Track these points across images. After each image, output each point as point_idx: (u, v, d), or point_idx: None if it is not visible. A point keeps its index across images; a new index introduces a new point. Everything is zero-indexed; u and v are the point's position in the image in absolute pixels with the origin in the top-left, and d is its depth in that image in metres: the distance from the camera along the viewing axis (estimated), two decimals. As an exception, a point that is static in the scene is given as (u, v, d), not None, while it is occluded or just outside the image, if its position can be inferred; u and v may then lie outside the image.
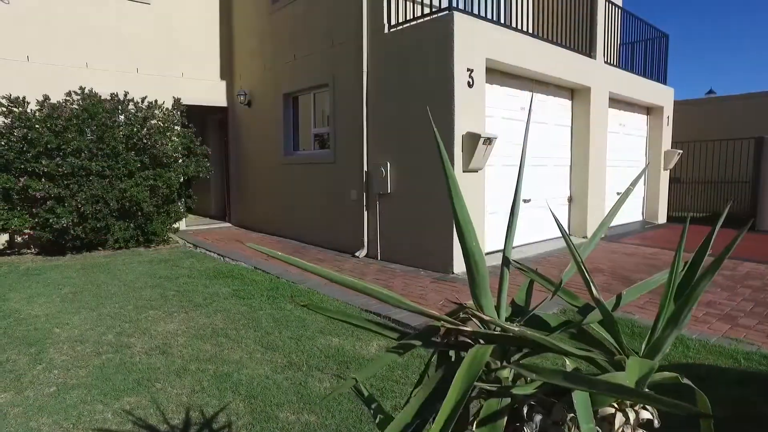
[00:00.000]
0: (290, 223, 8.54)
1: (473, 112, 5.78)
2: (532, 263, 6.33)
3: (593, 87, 7.83)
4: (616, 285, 5.21)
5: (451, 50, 5.50)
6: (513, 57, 6.33)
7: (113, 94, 7.77)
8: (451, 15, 5.49)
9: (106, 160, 7.21)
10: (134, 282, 5.48)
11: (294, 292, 4.95)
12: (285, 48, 8.38)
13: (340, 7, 7.05)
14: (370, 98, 6.64)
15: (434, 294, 4.99)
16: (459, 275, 5.72)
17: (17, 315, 4.28)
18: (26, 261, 6.95)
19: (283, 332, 3.84)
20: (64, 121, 7.01)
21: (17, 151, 6.85)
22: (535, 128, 7.39)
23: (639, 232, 9.02)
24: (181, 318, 4.16)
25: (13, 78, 7.79)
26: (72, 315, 4.27)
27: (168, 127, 8.01)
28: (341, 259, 6.79)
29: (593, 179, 8.05)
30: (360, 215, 6.87)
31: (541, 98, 7.48)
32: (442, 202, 5.77)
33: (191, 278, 5.63)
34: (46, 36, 8.12)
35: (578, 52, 7.61)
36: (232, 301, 4.69)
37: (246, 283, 5.39)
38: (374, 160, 6.63)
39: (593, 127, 7.94)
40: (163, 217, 7.98)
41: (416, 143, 6.05)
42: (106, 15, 8.65)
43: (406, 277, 5.74)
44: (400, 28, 6.21)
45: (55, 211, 6.81)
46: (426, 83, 5.86)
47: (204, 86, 9.85)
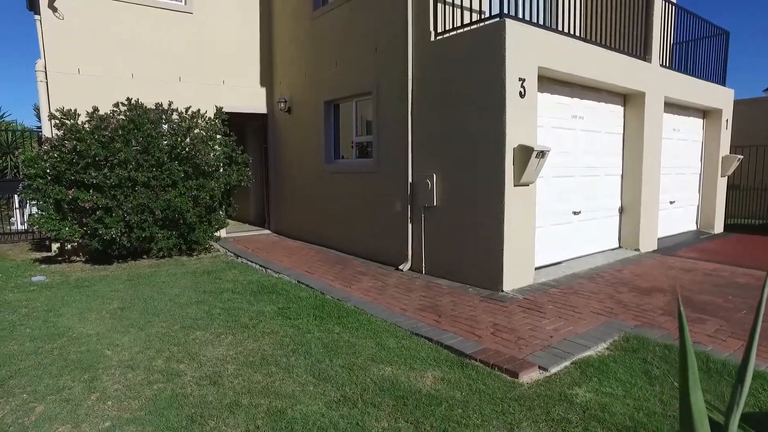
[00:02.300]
0: (331, 232, 8.45)
1: (525, 123, 5.53)
2: (585, 280, 6.04)
3: (648, 92, 7.43)
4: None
5: (503, 59, 5.26)
6: (565, 64, 6.04)
7: (158, 104, 7.85)
8: (502, 22, 5.25)
9: (152, 170, 7.28)
10: (179, 297, 5.47)
11: (341, 313, 4.82)
12: (326, 55, 8.29)
13: (384, 13, 6.88)
14: (415, 107, 6.46)
15: (486, 315, 4.77)
16: (508, 293, 5.49)
17: (70, 333, 4.30)
18: (76, 270, 7.07)
19: (334, 360, 3.71)
20: (111, 132, 7.11)
21: (68, 162, 6.98)
22: (586, 137, 7.06)
23: (694, 243, 8.54)
24: (229, 341, 4.09)
25: (66, 90, 8.00)
26: (121, 335, 4.26)
27: (210, 137, 8.04)
28: (384, 272, 6.64)
29: (646, 188, 7.65)
30: (404, 227, 6.71)
31: (592, 105, 7.14)
32: (491, 216, 5.55)
33: (235, 293, 5.58)
34: (94, 48, 8.27)
35: (632, 56, 7.23)
36: (278, 321, 4.60)
37: (291, 300, 5.30)
38: (419, 171, 6.45)
39: (647, 133, 7.54)
40: (205, 226, 8.02)
41: (464, 155, 5.84)
42: (149, 26, 8.75)
43: (453, 294, 5.54)
44: (447, 35, 6.00)
45: (104, 222, 6.91)
46: (475, 93, 5.64)
47: (244, 93, 9.87)
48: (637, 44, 7.43)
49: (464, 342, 4.11)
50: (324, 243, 8.63)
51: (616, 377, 3.41)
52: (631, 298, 5.27)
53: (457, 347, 4.00)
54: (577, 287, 5.72)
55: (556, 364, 3.67)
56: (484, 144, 5.58)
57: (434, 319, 4.71)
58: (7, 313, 4.95)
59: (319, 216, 8.81)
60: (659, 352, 3.75)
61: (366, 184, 7.51)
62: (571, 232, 7.02)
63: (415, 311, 4.95)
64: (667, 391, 3.18)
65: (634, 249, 7.70)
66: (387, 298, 5.41)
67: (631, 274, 6.30)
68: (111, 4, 8.39)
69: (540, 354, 3.84)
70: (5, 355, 3.83)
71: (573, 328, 4.39)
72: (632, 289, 5.59)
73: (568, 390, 3.26)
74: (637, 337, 4.07)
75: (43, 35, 7.89)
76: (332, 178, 8.42)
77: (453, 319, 4.70)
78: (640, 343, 3.96)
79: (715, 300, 5.16)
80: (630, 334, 4.18)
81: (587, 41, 6.53)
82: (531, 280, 5.89)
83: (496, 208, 5.50)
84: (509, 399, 3.16)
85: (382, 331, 4.37)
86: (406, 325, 4.55)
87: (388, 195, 7.02)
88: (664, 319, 4.56)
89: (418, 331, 4.38)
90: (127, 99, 7.61)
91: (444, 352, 3.97)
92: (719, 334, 4.17)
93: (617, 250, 7.73)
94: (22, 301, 5.37)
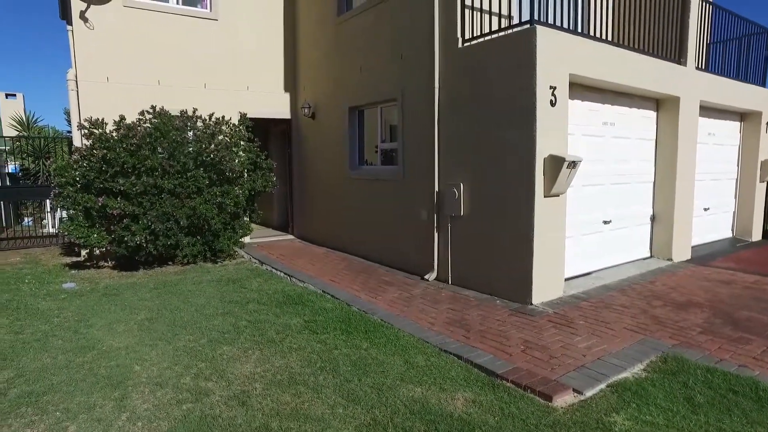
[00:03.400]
0: (355, 239, 8.40)
1: (555, 132, 5.38)
2: (617, 292, 5.86)
3: (683, 97, 7.18)
4: (721, 326, 4.67)
5: (533, 67, 5.12)
6: (598, 71, 5.87)
7: (183, 111, 7.91)
8: (533, 29, 5.11)
9: (177, 177, 7.33)
10: (205, 307, 5.48)
11: (368, 326, 4.76)
12: (351, 60, 8.24)
13: (410, 19, 6.79)
14: (441, 115, 6.36)
15: (515, 331, 4.65)
16: (538, 307, 5.36)
17: (100, 346, 4.34)
18: (104, 276, 7.18)
19: (362, 379, 3.65)
20: (138, 140, 7.19)
21: (97, 170, 7.09)
22: (617, 143, 6.86)
23: (730, 252, 8.24)
24: (257, 357, 4.06)
25: (95, 98, 8.14)
26: (149, 348, 4.27)
27: (235, 143, 8.07)
28: (410, 282, 6.56)
29: (680, 196, 7.40)
30: (430, 236, 6.61)
31: (624, 111, 6.93)
32: (520, 228, 5.42)
33: (261, 304, 5.57)
34: (122, 57, 8.38)
35: (667, 59, 6.99)
36: (305, 335, 4.56)
37: (316, 312, 5.26)
38: (446, 179, 6.35)
39: (681, 139, 7.29)
40: (229, 233, 8.05)
41: (492, 164, 5.71)
42: (175, 33, 8.83)
43: (481, 307, 5.43)
44: (475, 42, 5.88)
45: (130, 229, 6.99)
46: (504, 101, 5.51)
47: (268, 99, 9.90)
48: (672, 47, 7.18)
49: (494, 360, 4.01)
50: (348, 250, 8.58)
51: (656, 404, 3.26)
52: (666, 313, 5.08)
53: (488, 366, 3.90)
54: (609, 300, 5.55)
55: (591, 386, 3.54)
56: (513, 154, 5.45)
57: (463, 334, 4.62)
58: (40, 322, 5.03)
59: (343, 222, 8.77)
60: (701, 377, 3.59)
61: (391, 191, 7.44)
62: (601, 241, 6.84)
63: (443, 325, 4.86)
64: (713, 421, 3.03)
65: (666, 258, 7.46)
66: (414, 311, 5.33)
67: (664, 287, 6.09)
68: (139, 13, 8.49)
69: (573, 375, 3.71)
70: (40, 369, 3.88)
71: (607, 346, 4.25)
72: (667, 303, 5.40)
73: (605, 417, 3.14)
74: (675, 358, 3.91)
75: (75, 45, 8.03)
76: (356, 184, 8.37)
77: (482, 334, 4.60)
78: (680, 365, 3.79)
79: (760, 317, 4.94)
80: (668, 354, 4.01)
81: (620, 46, 6.34)
82: (560, 292, 5.74)
83: (525, 220, 5.37)
84: (544, 425, 3.06)
85: (410, 347, 4.30)
86: (434, 340, 4.46)
87: (414, 203, 6.93)
88: (703, 338, 4.38)
89: (447, 348, 4.28)
90: (152, 107, 7.69)
91: (474, 371, 3.88)
92: (766, 357, 3.98)
93: (648, 260, 7.51)
94: (54, 310, 5.45)
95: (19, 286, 6.64)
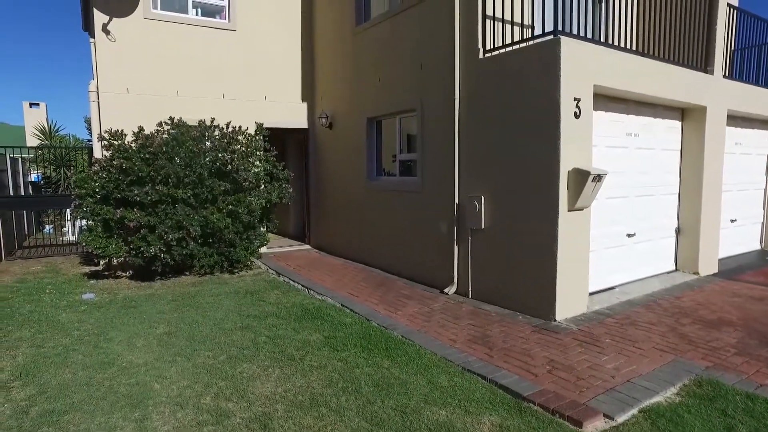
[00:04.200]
0: (373, 250, 8.32)
1: (580, 144, 5.26)
2: (642, 308, 5.69)
3: (710, 106, 7.01)
4: (757, 347, 4.49)
5: (557, 78, 5.02)
6: (622, 81, 5.74)
7: (201, 121, 7.94)
8: (557, 40, 5.01)
9: (192, 187, 7.33)
10: (223, 321, 5.44)
11: (389, 344, 4.67)
12: (369, 70, 8.20)
13: (430, 29, 6.73)
14: (462, 126, 6.27)
15: (539, 349, 4.53)
16: (561, 323, 5.22)
17: (120, 362, 4.31)
18: (122, 287, 7.19)
19: (385, 401, 3.56)
20: (155, 149, 7.21)
21: (115, 181, 7.12)
22: (641, 155, 6.71)
23: (760, 266, 7.98)
24: (277, 376, 4.00)
25: (116, 109, 8.23)
26: (169, 365, 4.23)
27: (251, 152, 8.07)
28: (430, 295, 6.46)
29: (706, 207, 7.20)
30: (450, 249, 6.51)
31: (648, 122, 6.78)
32: (543, 241, 5.30)
33: (279, 318, 5.52)
34: (142, 68, 8.45)
35: (692, 68, 6.83)
36: (325, 352, 4.49)
37: (336, 327, 5.19)
38: (466, 192, 6.25)
39: (708, 149, 7.11)
40: (246, 243, 8.03)
41: (515, 177, 5.61)
42: (194, 44, 8.89)
43: (503, 323, 5.31)
44: (496, 53, 5.80)
45: (146, 239, 7.00)
46: (527, 113, 5.41)
47: (285, 108, 9.90)
48: (697, 55, 7.01)
49: (520, 381, 3.90)
50: (366, 261, 8.51)
51: (694, 432, 3.12)
52: (696, 331, 4.91)
53: (513, 388, 3.79)
54: (635, 317, 5.40)
55: (623, 411, 3.41)
56: (536, 166, 5.34)
57: (486, 352, 4.50)
58: (61, 336, 5.03)
59: (360, 233, 8.71)
60: (741, 403, 3.43)
61: (410, 203, 7.36)
62: (625, 255, 6.68)
63: (465, 343, 4.75)
64: (756, 454, 2.89)
65: (692, 272, 7.26)
66: (434, 327, 5.23)
67: (692, 302, 5.91)
68: (159, 25, 8.56)
69: (603, 398, 3.58)
70: (61, 385, 3.86)
71: (636, 367, 4.10)
72: (696, 321, 5.22)
73: (640, 446, 3.01)
74: (710, 382, 3.75)
75: (96, 57, 8.12)
76: (375, 195, 8.31)
77: (505, 352, 4.48)
78: (716, 389, 3.64)
79: (795, 337, 4.75)
80: (702, 377, 3.86)
81: (645, 55, 6.21)
82: (584, 308, 5.60)
83: (548, 234, 5.24)
84: (576, 455, 2.93)
85: (432, 366, 4.20)
86: (457, 359, 4.36)
87: (433, 215, 6.84)
88: (739, 360, 4.21)
89: (470, 367, 4.18)
90: (170, 118, 7.73)
91: (499, 392, 3.76)
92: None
93: (673, 274, 7.31)
94: (74, 323, 5.46)
95: (40, 296, 6.69)
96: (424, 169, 7.01)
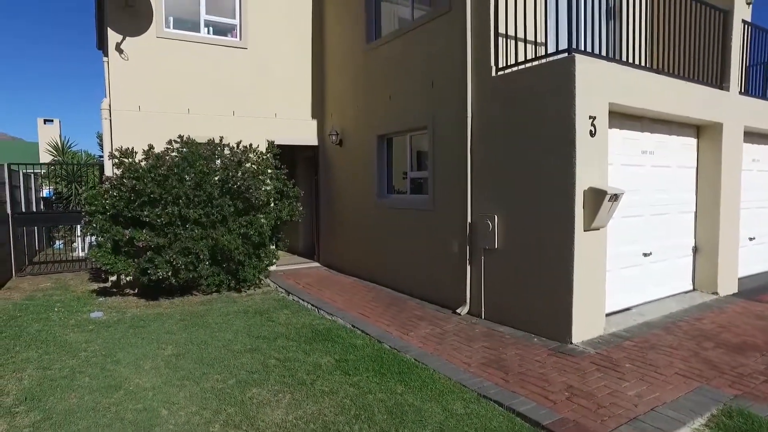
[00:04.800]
0: (384, 269, 8.21)
1: (595, 163, 5.16)
2: (661, 331, 5.53)
3: (726, 123, 6.89)
4: (785, 373, 4.32)
5: (572, 97, 4.95)
6: (638, 99, 5.66)
7: (210, 140, 7.94)
8: (572, 58, 4.95)
9: (203, 207, 7.30)
10: (232, 342, 5.35)
11: (402, 367, 4.54)
12: (380, 88, 8.18)
13: (442, 47, 6.70)
14: (474, 144, 6.20)
15: (557, 374, 4.39)
16: (578, 346, 5.08)
17: (127, 385, 4.22)
18: (131, 305, 7.13)
19: (400, 430, 3.43)
20: (165, 170, 7.19)
21: (126, 200, 7.11)
22: (656, 173, 6.60)
23: (781, 286, 7.77)
24: (287, 402, 3.88)
25: (127, 127, 8.27)
26: (177, 389, 4.14)
27: (261, 171, 8.04)
28: (442, 316, 6.33)
29: (725, 225, 7.04)
30: (462, 269, 6.40)
31: (662, 139, 6.68)
32: (558, 262, 5.18)
33: (289, 340, 5.41)
34: (154, 86, 8.50)
35: (707, 85, 6.74)
36: (336, 377, 4.37)
37: (347, 349, 5.07)
38: (479, 210, 6.15)
39: (725, 166, 6.97)
40: (255, 262, 7.96)
41: (529, 196, 5.51)
42: (206, 62, 8.94)
43: (518, 346, 5.17)
44: (509, 71, 5.75)
45: (153, 262, 6.95)
46: (541, 131, 5.33)
47: (295, 126, 9.91)
48: (712, 72, 6.92)
49: (538, 409, 3.76)
50: (376, 279, 8.40)
51: (725, 468, 2.97)
52: (720, 356, 4.74)
53: (531, 416, 3.65)
54: (654, 340, 5.23)
55: (648, 443, 3.27)
56: (550, 185, 5.24)
57: (501, 377, 4.37)
58: (68, 357, 4.96)
59: (370, 251, 8.61)
60: (773, 437, 3.27)
61: (421, 221, 7.27)
62: (641, 274, 6.52)
63: (480, 366, 4.62)
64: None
65: (711, 292, 7.08)
66: (447, 349, 5.10)
67: (714, 325, 5.73)
68: (171, 44, 8.63)
69: (626, 429, 3.44)
70: (66, 411, 3.77)
71: (659, 394, 3.95)
72: (719, 345, 5.05)
73: (668, 482, 2.85)
74: (741, 413, 3.59)
75: (109, 76, 8.18)
76: (385, 213, 8.23)
77: (522, 377, 4.34)
78: (748, 421, 3.47)
79: (824, 363, 4.56)
80: (731, 407, 3.70)
81: (660, 72, 6.12)
82: (601, 330, 5.45)
83: (564, 255, 5.12)
84: (601, 491, 2.79)
85: (447, 391, 4.07)
86: (471, 384, 4.23)
87: (445, 234, 6.74)
88: (768, 388, 4.04)
89: (486, 393, 4.05)
90: (179, 136, 7.73)
91: (517, 420, 3.63)
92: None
93: (691, 293, 7.13)
94: (82, 343, 5.39)
95: (48, 315, 6.64)
96: (436, 187, 6.93)
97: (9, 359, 4.90)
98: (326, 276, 9.26)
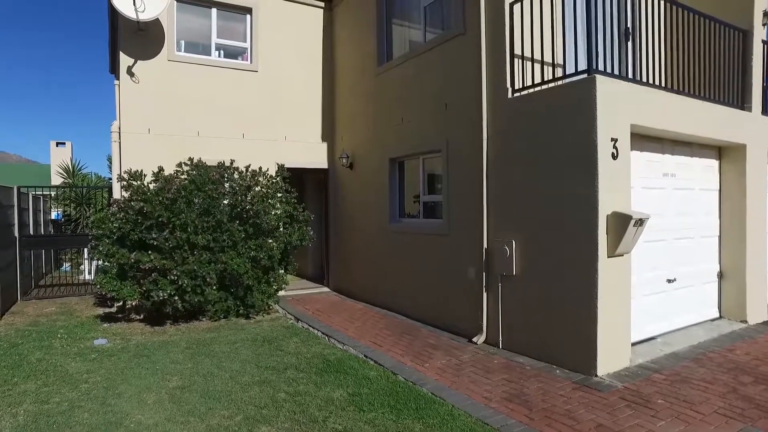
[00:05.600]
0: (396, 295, 7.96)
1: (618, 187, 4.96)
2: (691, 362, 5.23)
3: (749, 144, 6.69)
4: (831, 413, 4.01)
5: (593, 118, 4.78)
6: (660, 120, 5.49)
7: (220, 163, 7.83)
8: (592, 78, 4.79)
9: (212, 232, 7.15)
10: (240, 374, 5.11)
11: (418, 402, 4.28)
12: (391, 111, 8.07)
13: (455, 69, 6.59)
14: (490, 167, 6.02)
15: (584, 411, 4.11)
16: (604, 379, 4.79)
17: (127, 422, 3.99)
18: (135, 332, 6.92)
19: (419, 477, 3.17)
20: (173, 194, 7.07)
21: (133, 222, 6.98)
22: (678, 196, 6.38)
23: (810, 313, 7.42)
24: (298, 442, 3.64)
25: (137, 149, 8.22)
26: (181, 427, 3.90)
27: (271, 195, 7.89)
28: (457, 345, 6.06)
29: (752, 250, 6.77)
30: (478, 296, 6.15)
31: (684, 161, 6.48)
32: (581, 290, 4.94)
33: (299, 371, 5.16)
34: (164, 109, 8.47)
35: (729, 106, 6.55)
36: (350, 413, 4.11)
37: (360, 382, 4.81)
38: (495, 236, 5.94)
39: (750, 188, 6.74)
40: (264, 287, 7.76)
41: (549, 221, 5.30)
42: (216, 85, 8.91)
43: (540, 378, 4.89)
44: (526, 92, 5.60)
45: (156, 283, 6.79)
46: (560, 154, 5.15)
47: (305, 148, 9.81)
48: (733, 93, 6.74)
49: (567, 451, 3.48)
50: (388, 306, 8.14)
51: None
52: (762, 393, 4.43)
53: (560, 459, 3.38)
54: (685, 373, 4.94)
55: (692, 492, 2.98)
56: (572, 210, 5.04)
57: (525, 414, 4.10)
58: (68, 389, 4.74)
59: (382, 276, 8.38)
60: (831, 488, 2.97)
61: (435, 246, 7.05)
62: (665, 301, 6.24)
63: (501, 401, 4.35)
64: None
65: (739, 320, 6.76)
66: (465, 381, 4.84)
67: (748, 357, 5.42)
68: (182, 67, 8.63)
69: (666, 475, 3.15)
70: (61, 451, 3.54)
71: (698, 435, 3.66)
72: (759, 380, 4.73)
73: None
74: (790, 459, 3.29)
75: (120, 99, 8.16)
76: (397, 237, 8.02)
77: (546, 415, 4.07)
78: (799, 468, 3.18)
79: None
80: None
81: (681, 93, 5.96)
82: (627, 361, 5.16)
83: (587, 282, 4.88)
84: None
85: (468, 430, 3.80)
86: (494, 421, 3.96)
87: (460, 260, 6.52)
88: (817, 429, 3.73)
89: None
90: (189, 159, 7.63)
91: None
92: None
93: (718, 321, 6.82)
94: (83, 374, 5.17)
95: (51, 342, 6.44)
96: (450, 211, 6.73)
97: (6, 391, 4.68)
98: (336, 301, 9.02)
